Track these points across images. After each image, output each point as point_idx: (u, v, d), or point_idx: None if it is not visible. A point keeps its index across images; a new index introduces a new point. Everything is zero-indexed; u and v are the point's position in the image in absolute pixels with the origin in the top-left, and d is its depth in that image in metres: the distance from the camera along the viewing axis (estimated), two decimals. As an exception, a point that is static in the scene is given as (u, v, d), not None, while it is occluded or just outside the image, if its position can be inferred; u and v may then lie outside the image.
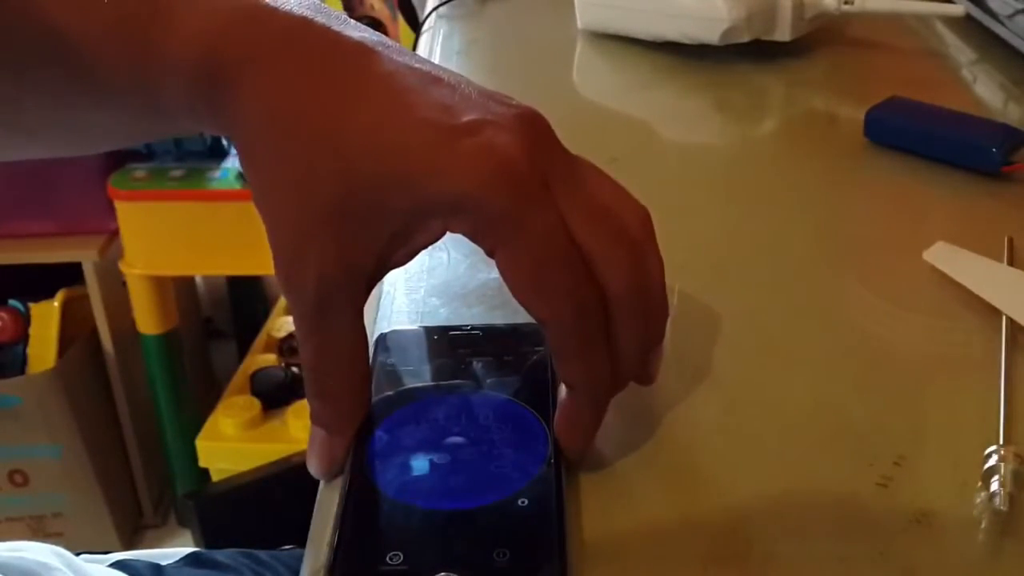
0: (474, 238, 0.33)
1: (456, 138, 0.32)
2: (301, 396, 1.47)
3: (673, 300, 0.43)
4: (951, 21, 0.70)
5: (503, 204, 0.31)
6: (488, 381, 0.36)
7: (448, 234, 0.34)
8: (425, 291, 0.44)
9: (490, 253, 0.33)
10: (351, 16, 1.57)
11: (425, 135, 0.32)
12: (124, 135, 0.42)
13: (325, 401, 0.35)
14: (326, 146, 0.32)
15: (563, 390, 0.34)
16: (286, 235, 0.33)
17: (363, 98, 0.32)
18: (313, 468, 0.35)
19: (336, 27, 0.34)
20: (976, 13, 0.66)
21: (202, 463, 1.48)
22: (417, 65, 0.34)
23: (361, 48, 0.33)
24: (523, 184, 0.31)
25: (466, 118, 0.32)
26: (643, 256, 0.34)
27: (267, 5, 0.33)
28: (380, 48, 0.34)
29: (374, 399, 0.36)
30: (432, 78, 0.33)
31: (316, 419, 0.35)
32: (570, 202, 0.32)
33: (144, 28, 0.33)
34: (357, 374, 0.35)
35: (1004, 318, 0.40)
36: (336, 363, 0.34)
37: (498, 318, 0.41)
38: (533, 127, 0.33)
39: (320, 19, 0.34)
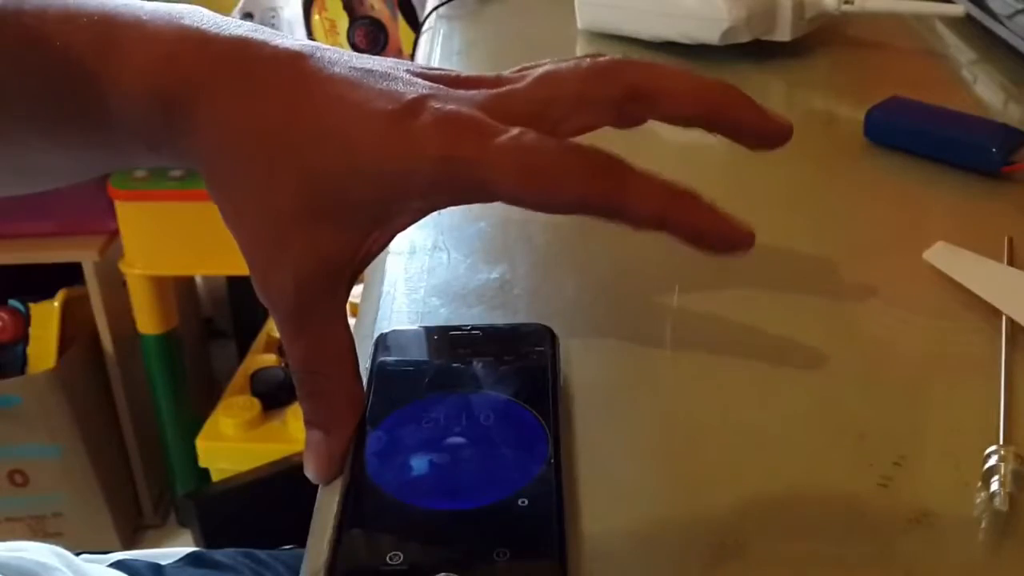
0: (464, 199, 0.35)
1: (404, 120, 0.33)
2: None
3: (673, 300, 0.43)
4: (951, 21, 0.70)
5: (471, 154, 0.32)
6: (488, 381, 0.36)
7: (448, 235, 0.34)
8: (425, 291, 0.44)
9: (491, 199, 0.33)
10: (351, 16, 1.56)
11: (374, 125, 0.33)
12: (69, 173, 0.42)
13: (319, 402, 0.35)
14: (283, 154, 0.33)
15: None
16: (258, 246, 0.34)
17: (309, 103, 0.33)
18: (311, 472, 0.34)
19: (274, 42, 0.35)
20: (976, 13, 0.66)
21: (202, 463, 1.48)
22: (353, 62, 0.35)
23: (299, 56, 0.34)
24: (480, 130, 0.33)
25: (407, 99, 0.33)
26: (583, 68, 0.36)
27: (208, 31, 0.34)
28: (317, 53, 0.35)
29: (374, 399, 0.36)
30: (367, 71, 0.35)
31: (311, 422, 0.35)
32: (519, 109, 0.34)
33: (95, 66, 0.34)
34: (349, 370, 0.35)
35: (1004, 318, 0.40)
36: (326, 361, 0.34)
37: (498, 318, 0.41)
38: (466, 84, 0.35)
39: (257, 36, 0.35)
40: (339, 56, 0.35)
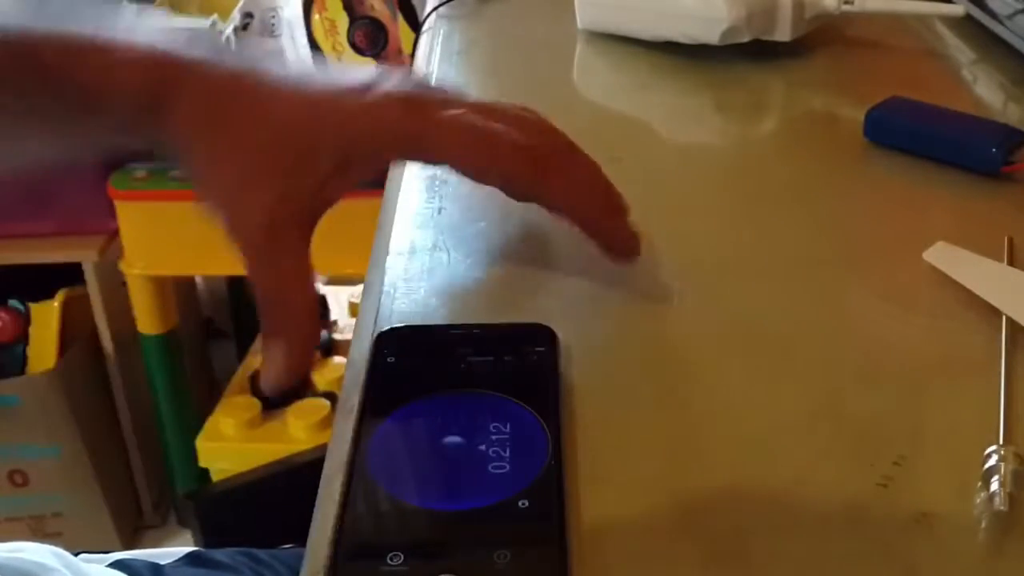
0: (410, 159, 0.44)
1: (363, 92, 0.40)
2: (301, 396, 1.47)
3: (673, 300, 0.43)
4: (951, 21, 0.70)
5: (417, 123, 0.40)
6: (488, 381, 0.36)
7: (448, 235, 0.34)
8: (425, 291, 0.44)
9: (430, 162, 0.43)
10: (351, 16, 1.56)
11: (337, 95, 0.40)
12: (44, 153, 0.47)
13: (284, 321, 0.39)
14: (254, 123, 0.39)
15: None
16: (231, 193, 0.39)
17: (278, 95, 0.40)
18: (270, 383, 0.38)
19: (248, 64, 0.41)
20: (976, 13, 0.66)
21: (202, 463, 1.48)
22: (309, 76, 0.42)
23: (262, 72, 0.41)
24: (426, 107, 0.40)
25: (361, 83, 0.40)
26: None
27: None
28: (281, 69, 0.41)
29: (374, 398, 0.36)
30: (320, 78, 0.41)
31: (274, 333, 0.38)
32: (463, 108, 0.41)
33: (92, 60, 0.40)
34: (312, 294, 0.39)
35: (1004, 318, 0.40)
36: (291, 287, 0.39)
37: (498, 318, 0.41)
38: (412, 79, 0.42)
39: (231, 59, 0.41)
40: (300, 71, 0.42)
